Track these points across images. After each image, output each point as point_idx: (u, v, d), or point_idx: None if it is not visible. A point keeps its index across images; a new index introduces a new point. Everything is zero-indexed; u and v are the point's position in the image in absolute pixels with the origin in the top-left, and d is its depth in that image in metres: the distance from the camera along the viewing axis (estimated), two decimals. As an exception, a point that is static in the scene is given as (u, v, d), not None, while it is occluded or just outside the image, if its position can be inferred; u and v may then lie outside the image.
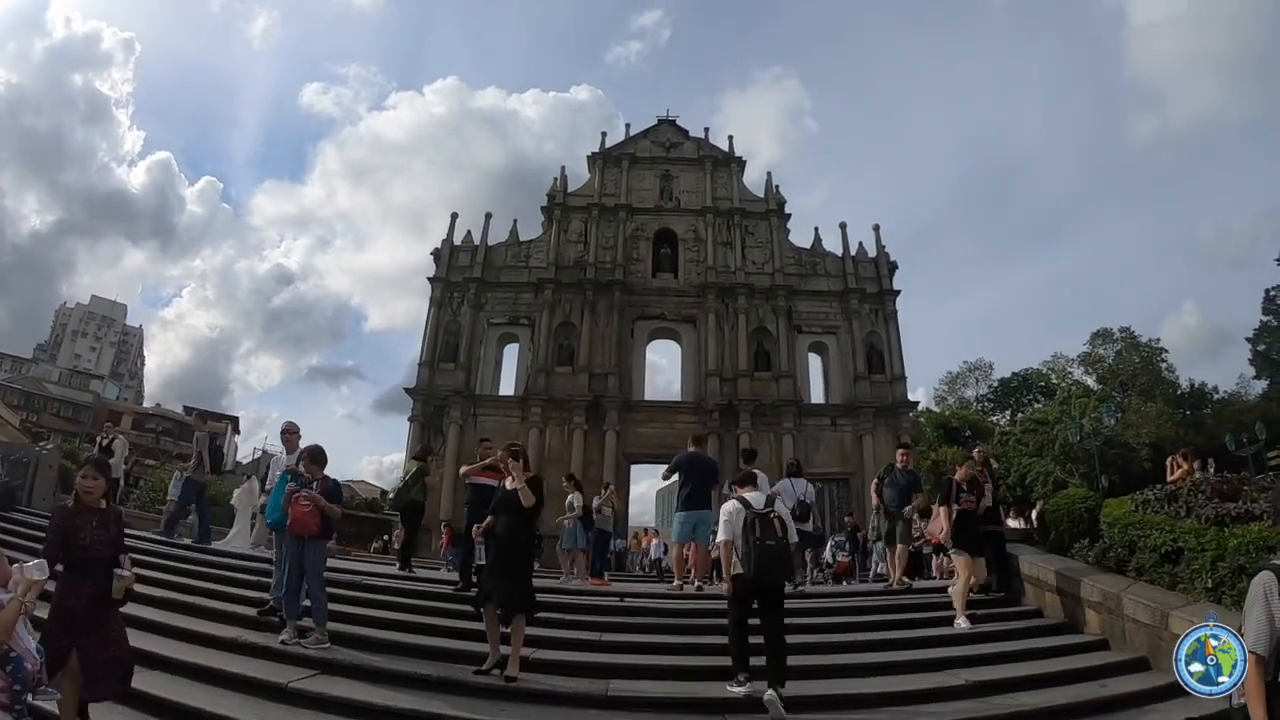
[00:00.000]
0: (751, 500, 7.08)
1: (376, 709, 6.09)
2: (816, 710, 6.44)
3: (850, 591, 13.29)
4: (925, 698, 6.76)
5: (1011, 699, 6.67)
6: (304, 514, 7.63)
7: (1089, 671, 7.49)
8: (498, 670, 6.80)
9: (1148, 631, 7.89)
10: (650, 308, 38.97)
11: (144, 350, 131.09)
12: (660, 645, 8.25)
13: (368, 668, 7.06)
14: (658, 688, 6.91)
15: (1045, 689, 7.00)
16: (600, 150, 42.97)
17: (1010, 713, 6.36)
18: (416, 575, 12.44)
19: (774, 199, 41.21)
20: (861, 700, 6.64)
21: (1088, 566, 9.79)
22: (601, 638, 8.34)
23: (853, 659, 7.90)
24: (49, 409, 76.04)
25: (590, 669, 7.32)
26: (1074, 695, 6.82)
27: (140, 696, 5.98)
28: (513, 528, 7.26)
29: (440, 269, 39.07)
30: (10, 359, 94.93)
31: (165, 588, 9.67)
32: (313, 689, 6.41)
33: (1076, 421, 36.90)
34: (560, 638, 8.28)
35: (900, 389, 36.71)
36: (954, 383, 67.33)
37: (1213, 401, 56.32)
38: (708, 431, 33.61)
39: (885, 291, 38.53)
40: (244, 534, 15.91)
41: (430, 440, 34.85)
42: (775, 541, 6.77)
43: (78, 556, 4.99)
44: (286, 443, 10.45)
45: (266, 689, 6.42)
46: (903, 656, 7.96)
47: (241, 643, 7.60)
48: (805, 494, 13.18)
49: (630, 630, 8.77)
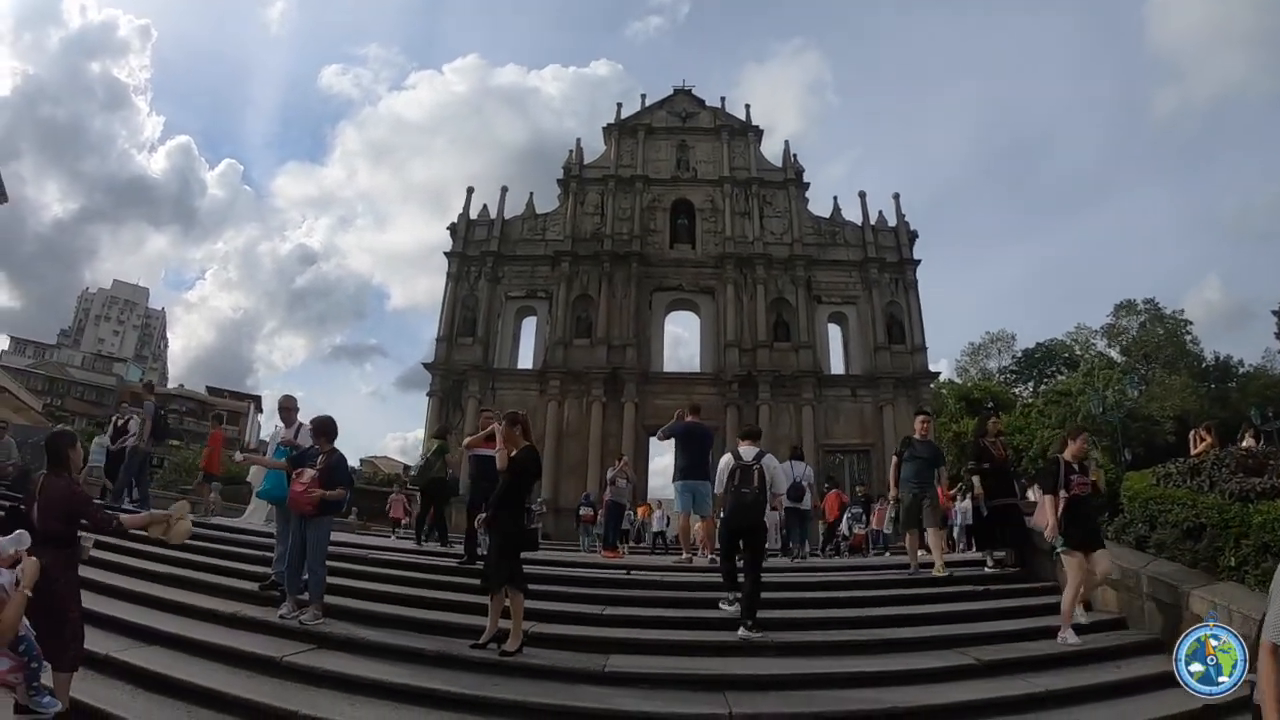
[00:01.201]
0: (742, 453, 8.18)
1: (369, 683, 6.03)
2: (816, 688, 6.27)
3: (860, 565, 13.11)
4: (933, 677, 6.58)
5: (1025, 680, 6.47)
6: (299, 494, 7.53)
7: (1105, 652, 7.27)
8: (494, 644, 6.71)
9: (1167, 611, 7.66)
10: (668, 279, 38.78)
11: (167, 333, 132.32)
12: (663, 619, 8.11)
13: (364, 642, 7.00)
14: (658, 663, 6.77)
15: (1060, 669, 6.80)
16: (616, 121, 42.65)
17: (1024, 694, 6.16)
18: (422, 549, 12.46)
19: (792, 168, 40.78)
20: (870, 678, 6.46)
21: (1107, 541, 9.55)
22: (604, 611, 8.20)
23: (862, 635, 7.70)
24: (72, 393, 77.10)
25: (590, 643, 7.20)
26: (1089, 677, 6.62)
27: (133, 670, 6.07)
28: (500, 498, 7.19)
29: (457, 243, 39.04)
30: (34, 345, 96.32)
31: (167, 562, 9.62)
32: (306, 663, 6.35)
33: (1100, 393, 36.49)
34: (563, 611, 8.18)
35: (921, 359, 36.39)
36: (976, 353, 66.57)
37: (1238, 375, 55.65)
38: (726, 399, 33.59)
39: (905, 261, 38.14)
40: (260, 510, 15.96)
41: (449, 415, 35.01)
42: (749, 490, 7.87)
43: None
44: (284, 418, 9.85)
45: (261, 663, 6.37)
46: (914, 634, 7.75)
47: (240, 617, 7.56)
48: (803, 476, 14.18)
49: (634, 604, 8.61)
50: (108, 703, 5.46)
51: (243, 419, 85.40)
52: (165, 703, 5.68)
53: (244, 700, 5.64)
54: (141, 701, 5.65)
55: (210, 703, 5.66)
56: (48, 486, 5.06)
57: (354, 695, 5.88)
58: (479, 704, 5.74)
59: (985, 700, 6.05)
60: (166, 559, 9.91)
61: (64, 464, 5.14)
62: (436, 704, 5.77)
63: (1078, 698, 6.23)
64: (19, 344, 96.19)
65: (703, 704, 5.81)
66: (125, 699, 5.63)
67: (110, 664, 6.08)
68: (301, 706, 5.53)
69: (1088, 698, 6.24)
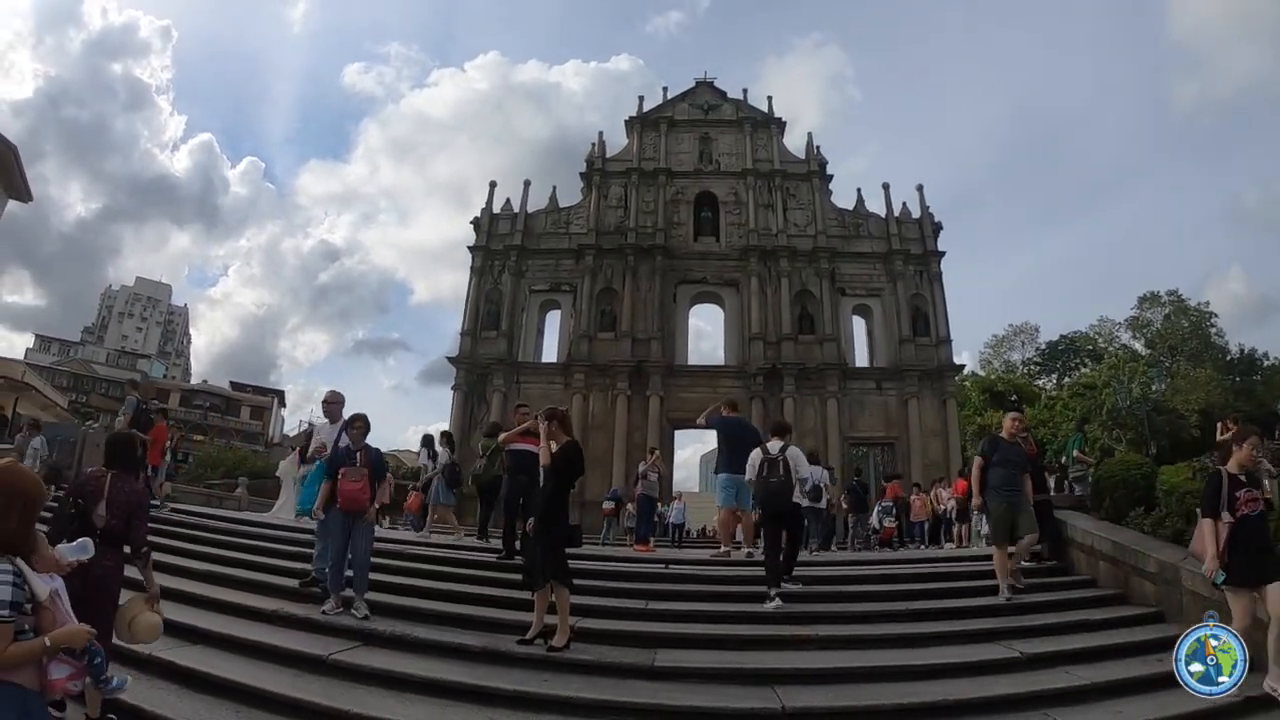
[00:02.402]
0: (771, 447, 9.24)
1: (417, 681, 6.03)
2: (864, 682, 6.35)
3: (896, 559, 13.12)
4: (978, 670, 6.65)
5: (1068, 672, 6.53)
6: (355, 489, 7.65)
7: (1145, 645, 7.29)
8: (541, 640, 6.76)
9: (1206, 605, 7.65)
10: (692, 272, 38.79)
11: (190, 329, 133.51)
12: (708, 614, 8.17)
13: (409, 639, 7.02)
14: (706, 657, 6.84)
15: (1100, 663, 6.86)
16: (638, 114, 42.61)
17: (1066, 687, 6.22)
18: (461, 544, 12.52)
19: (815, 160, 40.62)
20: (917, 671, 6.52)
21: (1143, 535, 9.54)
22: (648, 606, 8.25)
23: (902, 629, 7.76)
24: (97, 389, 77.86)
25: (636, 638, 7.24)
26: (1130, 671, 6.67)
27: (178, 671, 6.04)
28: (544, 494, 7.21)
29: (480, 238, 39.19)
30: (58, 342, 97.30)
31: (206, 560, 9.83)
32: (353, 661, 6.36)
33: (1125, 386, 36.19)
34: (605, 606, 8.21)
35: (946, 352, 36.24)
36: (999, 346, 66.20)
37: (1263, 368, 54.98)
38: (751, 392, 33.60)
39: (930, 253, 37.90)
40: (290, 505, 16.12)
41: (474, 408, 35.27)
42: (776, 479, 8.89)
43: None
44: (328, 412, 9.77)
45: (307, 661, 6.38)
46: (953, 627, 7.82)
47: (282, 615, 7.61)
48: (820, 479, 14.45)
49: (677, 598, 8.67)
50: (155, 704, 5.43)
51: (266, 414, 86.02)
52: (213, 703, 5.67)
53: (293, 700, 5.63)
54: (189, 702, 5.62)
55: (259, 703, 5.65)
56: (118, 486, 5.12)
57: (403, 693, 5.89)
58: (531, 701, 5.74)
59: (1030, 693, 6.09)
60: (201, 556, 10.09)
61: (134, 464, 5.18)
62: (487, 701, 5.76)
63: (1120, 690, 6.28)
64: (44, 341, 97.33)
65: (754, 699, 5.85)
66: (172, 700, 5.60)
67: (154, 664, 6.05)
68: (352, 705, 5.51)
69: (1130, 690, 6.29)
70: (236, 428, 79.41)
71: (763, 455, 9.19)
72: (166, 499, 16.72)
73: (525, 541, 7.84)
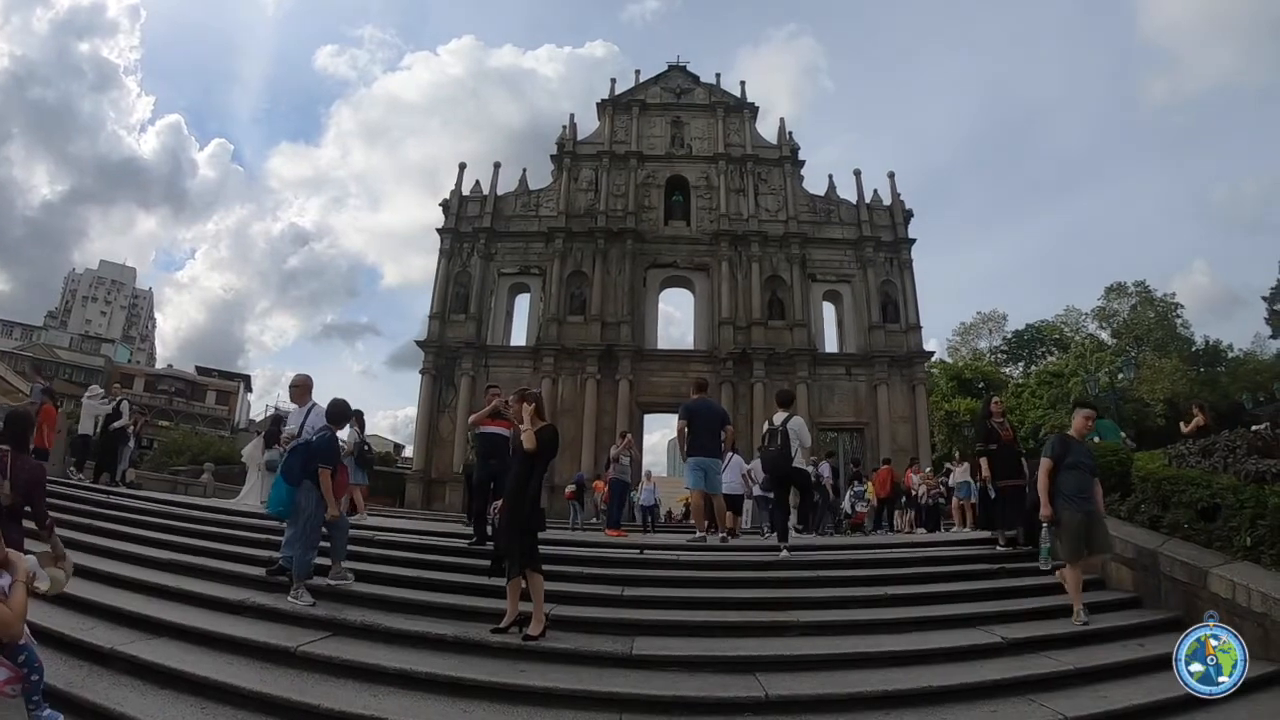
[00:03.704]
0: (775, 418, 10.60)
1: (390, 673, 5.83)
2: (847, 668, 6.26)
3: (872, 543, 13.08)
4: (961, 656, 6.59)
5: (1051, 657, 6.50)
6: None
7: (1125, 630, 7.32)
8: (516, 628, 6.60)
9: (1184, 590, 7.67)
10: (663, 256, 38.57)
11: (155, 312, 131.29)
12: (685, 600, 8.05)
13: (380, 628, 6.84)
14: (685, 645, 6.70)
15: (1081, 648, 6.83)
16: (610, 97, 42.25)
17: (1050, 672, 6.19)
18: (431, 530, 12.34)
19: (787, 146, 40.51)
20: (900, 657, 6.46)
21: (1120, 521, 9.56)
22: (623, 593, 8.10)
23: (882, 614, 7.70)
24: (61, 374, 76.39)
25: (613, 626, 7.11)
26: (1112, 656, 6.66)
27: (140, 665, 5.84)
28: (517, 477, 6.99)
29: (449, 220, 38.72)
30: (21, 327, 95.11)
31: (169, 549, 9.53)
32: (323, 653, 6.13)
33: (1094, 376, 36.58)
34: (580, 593, 8.06)
35: (915, 338, 36.41)
36: (967, 333, 66.80)
37: (1227, 360, 55.91)
38: (720, 377, 33.58)
39: (900, 240, 38.01)
40: (255, 491, 15.82)
41: (443, 392, 35.01)
42: (775, 448, 10.31)
43: None
44: (295, 397, 9.21)
45: (274, 654, 6.16)
46: (932, 612, 7.75)
47: (250, 605, 7.36)
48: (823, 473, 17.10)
49: (653, 584, 8.53)
50: (116, 701, 5.22)
51: (233, 398, 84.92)
52: (176, 699, 5.43)
53: (259, 694, 5.43)
54: (151, 699, 5.38)
55: (224, 698, 5.43)
56: (18, 464, 4.98)
57: (375, 685, 5.69)
58: (507, 692, 5.59)
59: (1015, 678, 6.06)
60: (164, 544, 9.80)
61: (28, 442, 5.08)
62: (463, 693, 5.60)
63: (1104, 675, 6.26)
64: (5, 326, 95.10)
65: (737, 687, 5.74)
66: (134, 697, 5.36)
67: (116, 659, 5.90)
68: (322, 700, 5.31)
69: (1114, 675, 6.27)
70: (202, 413, 78.33)
71: (767, 425, 10.75)
72: (130, 485, 16.39)
73: (497, 527, 7.70)
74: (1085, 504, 7.80)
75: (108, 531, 10.42)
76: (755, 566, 9.41)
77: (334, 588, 7.82)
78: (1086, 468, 7.98)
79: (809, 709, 5.52)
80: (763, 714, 5.43)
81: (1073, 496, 7.81)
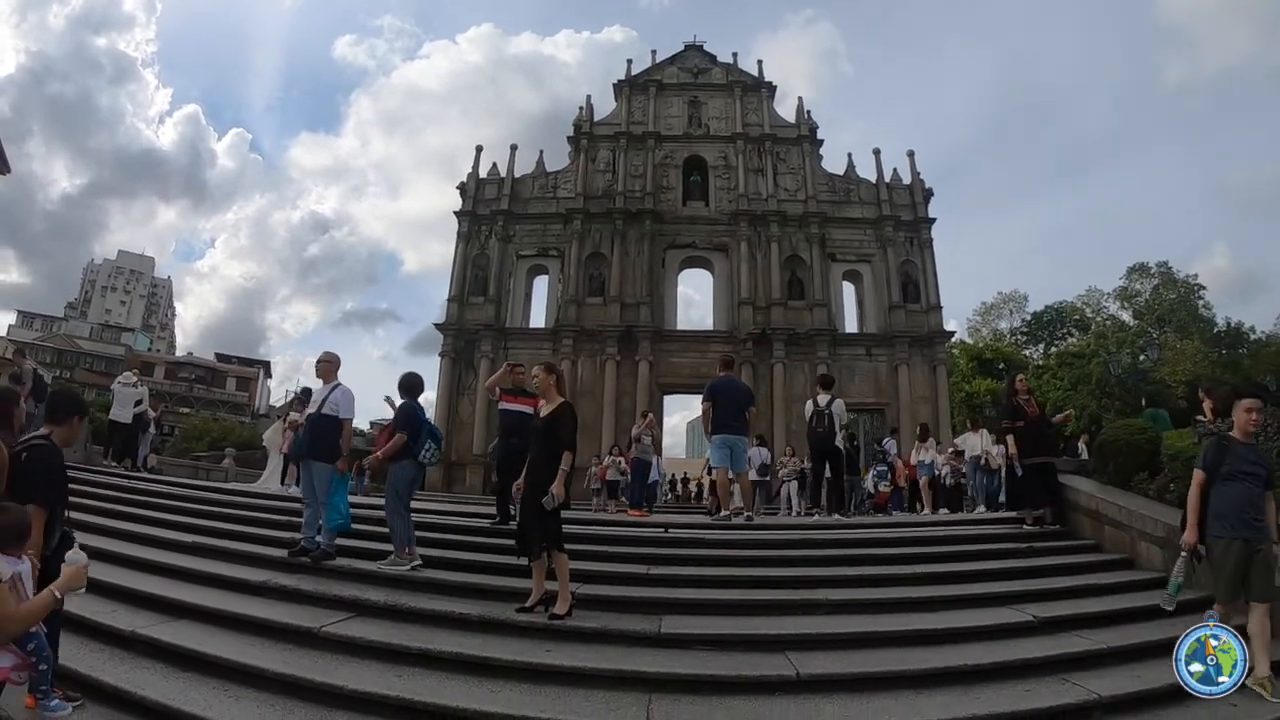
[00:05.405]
0: (820, 400, 12.88)
1: (414, 653, 5.77)
2: (878, 647, 6.21)
3: (897, 522, 12.99)
4: (993, 634, 6.53)
5: (1084, 636, 6.44)
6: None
7: (1154, 611, 7.11)
8: (541, 607, 6.55)
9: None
10: (681, 236, 38.29)
11: (174, 301, 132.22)
12: (712, 578, 7.99)
13: (403, 608, 6.80)
14: (711, 623, 6.67)
15: (1112, 627, 6.78)
16: (626, 78, 41.82)
17: (1082, 651, 6.13)
18: (456, 510, 12.32)
19: (805, 125, 39.97)
20: (931, 636, 6.40)
21: (1149, 500, 9.43)
22: (650, 571, 8.06)
23: (910, 593, 7.61)
24: (81, 364, 77.10)
25: (640, 604, 7.06)
26: (1143, 635, 6.55)
27: (161, 648, 5.80)
28: (537, 456, 6.94)
29: (467, 203, 38.51)
30: (42, 318, 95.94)
31: (192, 532, 9.57)
32: (346, 633, 6.10)
33: (1116, 357, 36.17)
34: (606, 571, 8.03)
35: (936, 318, 36.01)
36: (988, 314, 65.99)
37: (1249, 342, 55.10)
38: (740, 358, 33.35)
39: (920, 219, 37.51)
40: (276, 474, 15.87)
41: (462, 375, 35.06)
42: (822, 429, 12.70)
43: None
44: (322, 373, 9.09)
45: (298, 635, 6.13)
46: (961, 591, 7.70)
47: (272, 586, 7.35)
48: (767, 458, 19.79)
49: (679, 563, 8.50)
50: (137, 685, 5.15)
51: (253, 385, 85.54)
52: (198, 681, 5.36)
53: (283, 675, 5.37)
54: (173, 682, 5.31)
55: (247, 680, 5.37)
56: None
57: (399, 666, 5.63)
58: (534, 671, 5.52)
59: (1047, 657, 5.98)
60: (188, 528, 9.83)
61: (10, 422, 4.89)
62: (489, 673, 5.53)
63: (1135, 654, 6.19)
64: (26, 318, 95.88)
65: (767, 665, 5.67)
66: (156, 680, 5.31)
67: (137, 641, 5.86)
68: (346, 681, 5.25)
69: (1145, 655, 6.16)
70: (222, 399, 78.99)
71: (814, 407, 12.96)
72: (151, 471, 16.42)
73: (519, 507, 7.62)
74: (1250, 530, 5.80)
75: (129, 515, 10.47)
76: (781, 545, 9.37)
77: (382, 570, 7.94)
78: (1255, 478, 5.92)
79: (841, 688, 5.45)
80: (794, 693, 5.36)
81: (1228, 515, 5.88)
